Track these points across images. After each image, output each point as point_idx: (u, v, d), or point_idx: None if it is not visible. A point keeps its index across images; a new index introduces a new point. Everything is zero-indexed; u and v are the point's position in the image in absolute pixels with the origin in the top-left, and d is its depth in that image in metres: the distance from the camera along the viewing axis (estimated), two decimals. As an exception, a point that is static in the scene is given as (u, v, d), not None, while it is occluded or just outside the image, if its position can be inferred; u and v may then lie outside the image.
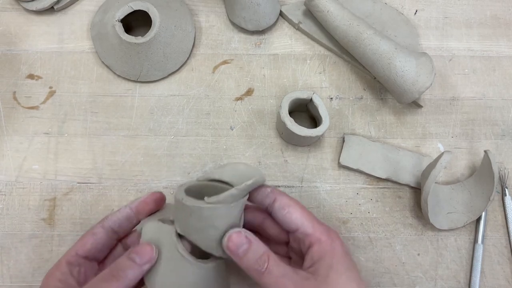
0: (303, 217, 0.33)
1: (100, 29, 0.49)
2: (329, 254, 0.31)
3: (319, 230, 0.33)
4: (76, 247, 0.34)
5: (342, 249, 0.32)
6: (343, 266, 0.31)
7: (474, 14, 0.53)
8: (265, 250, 0.32)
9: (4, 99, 0.49)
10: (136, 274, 0.31)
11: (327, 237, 0.32)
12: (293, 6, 0.51)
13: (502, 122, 0.49)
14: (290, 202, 0.34)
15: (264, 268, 0.31)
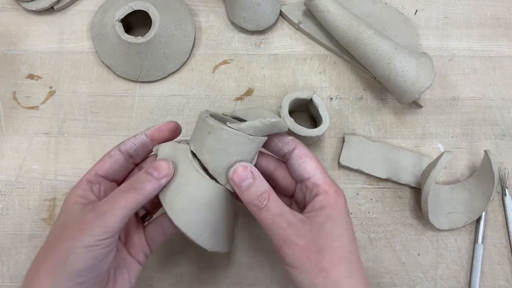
0: (318, 169, 0.34)
1: (100, 29, 0.49)
2: (331, 206, 0.33)
3: (328, 184, 0.34)
4: (95, 168, 0.35)
5: (344, 206, 0.34)
6: (340, 220, 0.33)
7: (474, 14, 0.53)
8: (267, 188, 0.33)
9: (4, 99, 0.49)
10: (154, 187, 0.32)
11: (334, 191, 0.34)
12: (293, 6, 0.51)
13: (502, 122, 0.49)
14: (309, 153, 0.35)
15: (263, 204, 0.32)
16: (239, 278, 0.44)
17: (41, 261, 0.30)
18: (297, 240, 0.31)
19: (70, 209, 0.33)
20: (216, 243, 0.35)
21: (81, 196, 0.33)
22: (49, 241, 0.32)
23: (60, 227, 0.32)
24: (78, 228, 0.30)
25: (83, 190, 0.34)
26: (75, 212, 0.32)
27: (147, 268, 0.44)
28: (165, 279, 0.44)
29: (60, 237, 0.31)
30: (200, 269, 0.44)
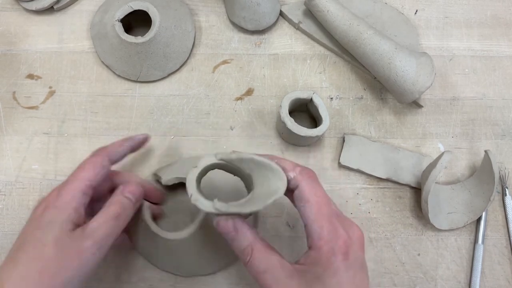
0: (316, 219, 0.31)
1: (100, 29, 0.49)
2: (322, 265, 0.30)
3: (324, 239, 0.30)
4: (89, 176, 0.34)
5: (342, 264, 0.30)
6: (331, 282, 0.29)
7: (474, 14, 0.53)
8: (249, 243, 0.31)
9: (3, 99, 0.48)
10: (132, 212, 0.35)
11: (329, 248, 0.30)
12: (293, 6, 0.51)
13: (502, 122, 0.49)
14: (310, 197, 0.31)
15: (247, 260, 0.31)
16: (239, 278, 0.44)
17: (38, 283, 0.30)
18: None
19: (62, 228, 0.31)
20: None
21: (75, 212, 0.32)
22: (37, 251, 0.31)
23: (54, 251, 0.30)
24: (76, 259, 0.31)
25: (78, 204, 0.33)
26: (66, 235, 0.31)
27: (147, 268, 0.44)
28: (165, 279, 0.44)
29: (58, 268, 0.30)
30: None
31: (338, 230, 0.31)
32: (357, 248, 0.31)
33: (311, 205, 0.31)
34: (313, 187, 0.32)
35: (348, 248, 0.30)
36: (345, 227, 0.31)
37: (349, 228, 0.32)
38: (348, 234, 0.31)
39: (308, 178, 0.32)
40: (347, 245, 0.30)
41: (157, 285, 0.44)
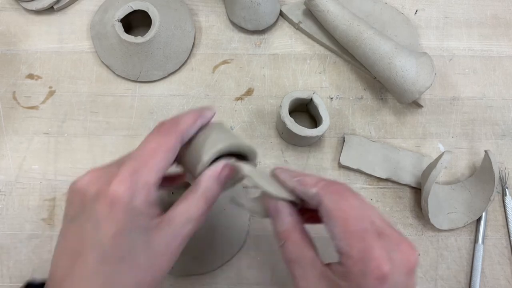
0: (343, 236, 0.27)
1: (100, 29, 0.49)
2: (352, 286, 0.26)
3: (354, 259, 0.26)
4: (163, 166, 0.28)
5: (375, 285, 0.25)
6: None
7: (474, 14, 0.53)
8: (287, 228, 0.29)
9: (3, 99, 0.48)
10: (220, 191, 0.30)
11: (359, 271, 0.26)
12: (293, 6, 0.51)
13: (502, 122, 0.49)
14: (333, 213, 0.27)
15: (280, 244, 0.29)
16: (239, 278, 0.44)
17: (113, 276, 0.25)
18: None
19: (140, 232, 0.26)
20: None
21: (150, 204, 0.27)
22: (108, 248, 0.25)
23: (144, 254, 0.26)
24: (166, 261, 0.27)
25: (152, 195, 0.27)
26: (149, 235, 0.26)
27: (147, 268, 0.44)
28: (165, 279, 0.44)
29: (150, 267, 0.26)
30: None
31: (372, 250, 0.26)
32: (400, 274, 0.26)
33: (335, 222, 0.27)
34: (338, 202, 0.28)
35: (384, 273, 0.25)
36: (388, 246, 0.26)
37: (393, 248, 0.27)
38: (389, 256, 0.26)
39: (332, 192, 0.28)
40: (383, 270, 0.25)
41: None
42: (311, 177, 0.30)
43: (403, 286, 0.26)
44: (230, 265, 0.44)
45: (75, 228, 0.26)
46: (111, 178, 0.26)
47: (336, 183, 0.29)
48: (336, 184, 0.29)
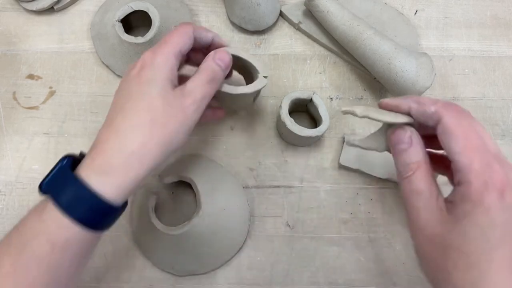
0: (464, 151, 0.28)
1: (100, 29, 0.49)
2: (472, 202, 0.27)
3: (475, 172, 0.27)
4: (179, 42, 0.35)
5: (496, 203, 0.26)
6: (482, 220, 0.26)
7: (474, 14, 0.53)
8: (419, 159, 0.30)
9: (4, 99, 0.49)
10: (222, 78, 0.37)
11: (482, 183, 0.26)
12: (293, 6, 0.51)
13: (502, 122, 0.49)
14: (455, 128, 0.28)
15: (407, 174, 0.30)
16: (239, 278, 0.44)
17: (149, 131, 0.32)
18: (425, 227, 0.28)
19: (163, 85, 0.33)
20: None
21: (170, 73, 0.34)
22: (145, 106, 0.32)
23: (161, 103, 0.32)
24: (181, 113, 0.33)
25: (172, 65, 0.34)
26: (169, 92, 0.33)
27: (147, 268, 0.44)
28: (165, 279, 0.44)
29: (166, 118, 0.32)
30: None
31: (493, 165, 0.27)
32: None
33: (456, 137, 0.28)
34: (459, 119, 0.29)
35: (504, 187, 0.26)
36: (504, 166, 0.27)
37: (509, 170, 0.27)
38: (508, 175, 0.27)
39: (452, 110, 0.29)
40: (504, 183, 0.26)
41: (157, 285, 0.44)
42: (426, 98, 0.31)
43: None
44: (230, 265, 0.44)
45: (117, 91, 0.35)
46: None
47: (454, 104, 0.30)
48: (454, 104, 0.30)
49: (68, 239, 0.30)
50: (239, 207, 0.45)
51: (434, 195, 0.29)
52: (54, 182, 0.31)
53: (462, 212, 0.27)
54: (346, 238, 0.45)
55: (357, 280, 0.44)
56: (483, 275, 0.26)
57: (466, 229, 0.27)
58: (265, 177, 0.47)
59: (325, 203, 0.46)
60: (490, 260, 0.26)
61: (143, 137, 0.31)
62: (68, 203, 0.30)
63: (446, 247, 0.27)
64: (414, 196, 0.29)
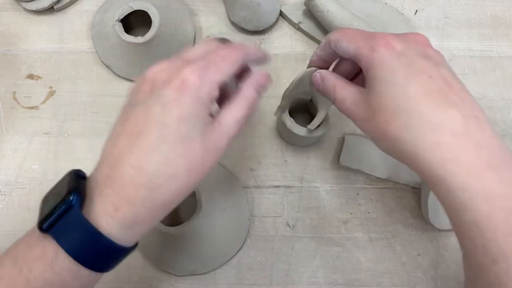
0: (350, 42, 0.32)
1: (100, 29, 0.49)
2: (370, 66, 0.30)
3: (361, 46, 0.31)
4: (228, 72, 0.30)
5: (386, 55, 0.30)
6: (383, 73, 0.29)
7: (474, 14, 0.53)
8: (332, 82, 0.34)
9: (4, 99, 0.49)
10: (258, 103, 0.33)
11: (368, 49, 0.30)
12: (293, 6, 0.51)
13: (502, 122, 0.49)
14: (338, 35, 0.33)
15: (333, 96, 0.34)
16: (239, 278, 0.44)
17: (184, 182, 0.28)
18: (358, 114, 0.32)
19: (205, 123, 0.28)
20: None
21: (211, 103, 0.29)
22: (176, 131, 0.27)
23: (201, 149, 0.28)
24: (216, 156, 0.29)
25: (215, 96, 0.29)
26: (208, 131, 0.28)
27: (147, 268, 0.44)
28: (165, 279, 0.44)
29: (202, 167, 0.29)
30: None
31: (374, 34, 0.32)
32: (409, 43, 0.31)
33: (340, 39, 0.32)
34: (337, 32, 0.34)
35: (390, 41, 0.30)
36: (391, 34, 0.32)
37: (398, 35, 0.32)
38: (393, 35, 0.31)
39: (335, 32, 0.34)
40: (387, 39, 0.30)
41: (157, 285, 0.44)
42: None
43: (420, 52, 0.31)
44: (230, 265, 0.44)
45: (139, 111, 0.28)
46: (180, 68, 0.29)
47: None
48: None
49: (84, 285, 0.29)
50: (239, 207, 0.45)
51: (354, 92, 0.33)
52: (63, 227, 0.27)
53: (369, 79, 0.31)
54: (346, 238, 0.45)
55: (357, 280, 0.44)
56: (408, 112, 0.28)
57: (377, 88, 0.30)
58: (265, 177, 0.47)
59: (325, 203, 0.46)
60: (406, 97, 0.28)
61: (178, 188, 0.28)
62: (86, 256, 0.27)
63: (373, 114, 0.30)
64: (342, 104, 0.33)
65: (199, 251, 0.42)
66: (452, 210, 0.27)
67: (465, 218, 0.26)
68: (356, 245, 0.45)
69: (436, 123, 0.27)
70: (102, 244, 0.27)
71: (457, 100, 0.28)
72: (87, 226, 0.26)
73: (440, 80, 0.29)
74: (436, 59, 0.31)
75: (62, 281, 0.27)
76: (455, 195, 0.26)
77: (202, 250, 0.42)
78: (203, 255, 0.43)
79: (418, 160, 0.28)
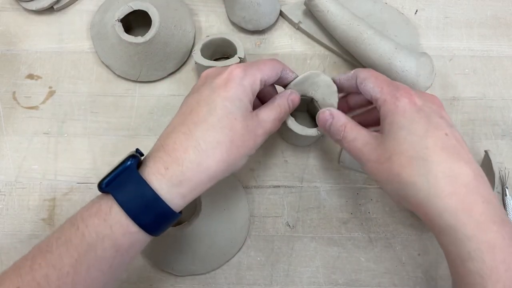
0: (376, 85, 0.35)
1: (100, 29, 0.49)
2: (391, 112, 0.33)
3: (385, 93, 0.34)
4: (268, 73, 0.36)
5: (408, 106, 0.32)
6: (403, 121, 0.32)
7: (474, 14, 0.53)
8: (343, 122, 0.36)
9: (3, 99, 0.49)
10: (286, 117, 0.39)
11: (391, 96, 0.33)
12: (293, 6, 0.51)
13: (502, 122, 0.49)
14: (367, 75, 0.36)
15: (341, 136, 0.36)
16: (239, 278, 0.44)
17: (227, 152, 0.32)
18: (369, 156, 0.33)
19: (247, 108, 0.34)
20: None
21: (253, 96, 0.34)
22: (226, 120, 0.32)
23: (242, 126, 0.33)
24: (252, 141, 0.34)
25: (255, 91, 0.35)
26: (249, 116, 0.34)
27: (147, 268, 0.44)
28: (165, 279, 0.44)
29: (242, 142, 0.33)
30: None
31: (399, 86, 0.34)
32: (427, 102, 0.34)
33: (369, 79, 0.35)
34: (370, 71, 0.36)
35: (412, 96, 0.33)
36: (408, 88, 0.34)
37: (417, 91, 0.35)
38: (414, 91, 0.34)
39: (365, 69, 0.37)
40: (410, 93, 0.33)
41: (157, 285, 0.44)
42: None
43: (434, 108, 0.33)
44: (230, 265, 0.44)
45: (193, 97, 0.34)
46: (229, 67, 0.35)
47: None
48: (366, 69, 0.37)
49: (132, 244, 0.30)
50: (239, 207, 0.45)
51: (365, 134, 0.35)
52: (120, 184, 0.30)
53: (388, 125, 0.33)
54: (346, 238, 0.45)
55: (357, 280, 0.44)
56: (426, 160, 0.30)
57: (395, 134, 0.32)
58: (265, 177, 0.47)
59: (325, 203, 0.46)
60: (425, 147, 0.31)
61: (221, 155, 0.31)
62: (137, 210, 0.29)
63: (388, 158, 0.32)
64: (352, 144, 0.35)
65: (199, 251, 0.42)
66: (457, 258, 0.29)
67: (469, 267, 0.28)
68: (356, 245, 0.45)
69: (451, 175, 0.30)
70: (151, 200, 0.29)
71: (468, 159, 0.31)
72: (139, 181, 0.29)
73: (454, 139, 0.31)
74: (449, 121, 0.33)
75: (113, 235, 0.29)
76: (462, 243, 0.28)
77: (202, 250, 0.42)
78: (203, 255, 0.43)
79: (430, 206, 0.30)
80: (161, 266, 0.44)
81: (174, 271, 0.43)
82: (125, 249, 0.30)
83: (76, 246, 0.29)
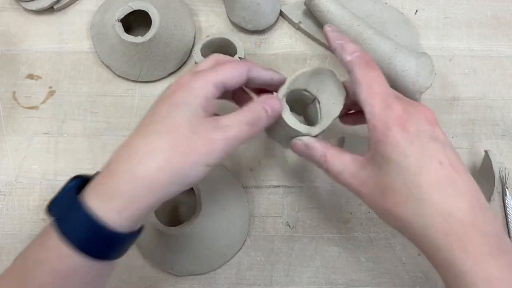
0: (367, 97, 0.31)
1: (100, 29, 0.49)
2: (381, 143, 0.30)
3: (376, 117, 0.30)
4: (226, 74, 0.32)
5: (400, 137, 0.29)
6: (395, 156, 0.29)
7: (474, 14, 0.53)
8: (321, 153, 0.34)
9: (3, 99, 0.49)
10: (266, 124, 0.34)
11: (382, 124, 0.30)
12: (293, 6, 0.51)
13: (502, 122, 0.49)
14: (360, 78, 0.32)
15: (324, 167, 0.34)
16: (239, 278, 0.44)
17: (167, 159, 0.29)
18: (361, 189, 0.32)
19: (194, 111, 0.30)
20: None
21: (206, 100, 0.31)
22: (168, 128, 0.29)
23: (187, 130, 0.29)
24: (206, 146, 0.30)
25: (210, 95, 0.31)
26: (199, 120, 0.30)
27: (147, 268, 0.44)
28: (165, 279, 0.44)
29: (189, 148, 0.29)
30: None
31: (392, 105, 0.30)
32: (420, 121, 0.31)
33: (361, 85, 0.32)
34: (366, 69, 0.32)
35: (404, 121, 0.30)
36: (403, 103, 0.31)
37: (410, 106, 0.32)
38: (407, 110, 0.31)
39: (362, 62, 0.32)
40: (403, 118, 0.30)
41: (157, 285, 0.44)
42: (352, 45, 0.33)
43: (428, 131, 0.31)
44: (230, 265, 0.44)
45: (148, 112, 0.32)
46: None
47: (366, 55, 0.33)
48: (365, 55, 0.33)
49: (71, 268, 0.27)
50: (239, 207, 0.45)
51: (350, 164, 0.33)
52: (59, 205, 0.29)
53: (378, 157, 0.30)
54: (346, 238, 0.45)
55: (357, 280, 0.44)
56: (420, 200, 0.29)
57: (387, 169, 0.30)
58: (265, 177, 0.47)
59: (325, 203, 0.46)
60: (419, 186, 0.29)
61: (158, 163, 0.28)
62: (70, 230, 0.27)
63: (381, 194, 0.31)
64: (338, 177, 0.33)
65: (199, 251, 0.42)
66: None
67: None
68: (356, 245, 0.45)
69: (446, 213, 0.29)
70: (89, 223, 0.27)
71: (464, 190, 0.30)
72: (73, 199, 0.28)
73: (448, 166, 0.30)
74: (442, 139, 0.31)
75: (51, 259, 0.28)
76: (459, 278, 0.28)
77: (202, 250, 0.42)
78: (203, 255, 0.43)
79: (427, 243, 0.30)
80: (161, 266, 0.44)
81: (174, 271, 0.43)
82: (63, 275, 0.27)
83: (17, 274, 0.28)
